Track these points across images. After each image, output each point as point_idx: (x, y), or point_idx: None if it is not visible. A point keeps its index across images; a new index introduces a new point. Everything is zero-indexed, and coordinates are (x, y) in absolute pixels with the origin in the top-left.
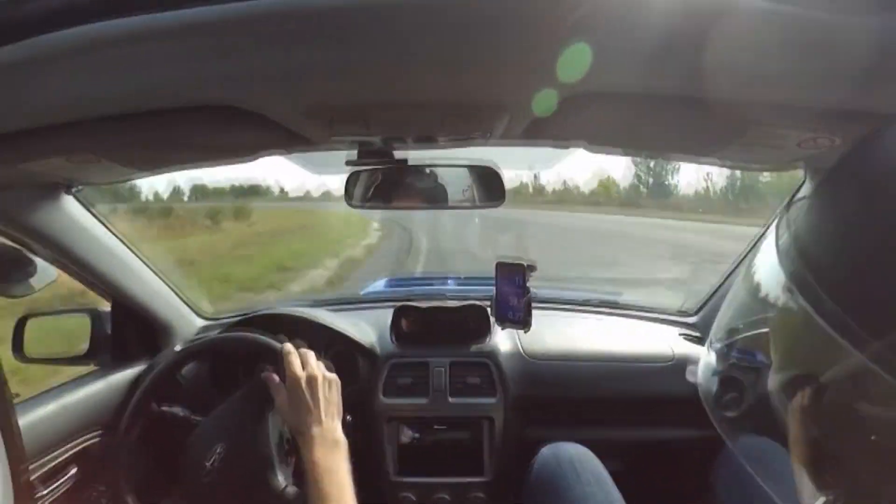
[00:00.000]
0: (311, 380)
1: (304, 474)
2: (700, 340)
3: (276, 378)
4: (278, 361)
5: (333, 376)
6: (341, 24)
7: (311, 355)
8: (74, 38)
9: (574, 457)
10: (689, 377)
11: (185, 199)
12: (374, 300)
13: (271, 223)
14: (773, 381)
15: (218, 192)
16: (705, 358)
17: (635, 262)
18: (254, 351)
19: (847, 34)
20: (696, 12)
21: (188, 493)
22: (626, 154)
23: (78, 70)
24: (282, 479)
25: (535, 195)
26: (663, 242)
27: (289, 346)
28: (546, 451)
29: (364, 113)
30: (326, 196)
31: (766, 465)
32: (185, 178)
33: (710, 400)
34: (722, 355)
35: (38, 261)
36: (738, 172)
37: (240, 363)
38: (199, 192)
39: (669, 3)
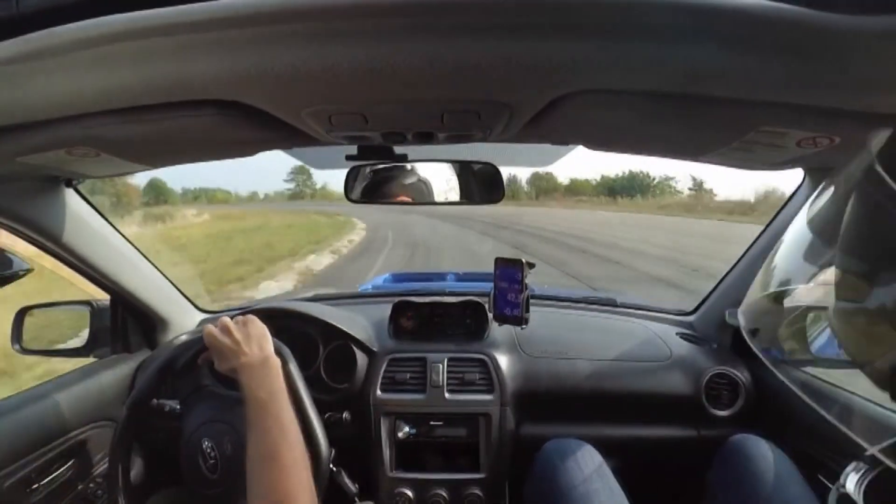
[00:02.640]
0: (224, 328)
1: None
2: (698, 339)
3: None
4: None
5: (245, 317)
6: (343, 23)
7: (223, 317)
8: (78, 33)
9: (577, 453)
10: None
11: None
12: (374, 295)
13: None
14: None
15: None
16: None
17: None
18: (200, 349)
19: (847, 34)
20: (696, 11)
21: (208, 496)
22: (625, 153)
23: (80, 64)
24: None
25: None
26: None
27: (206, 325)
28: (549, 446)
29: (364, 110)
30: None
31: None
32: None
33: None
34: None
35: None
36: None
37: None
38: None
39: (670, 3)
